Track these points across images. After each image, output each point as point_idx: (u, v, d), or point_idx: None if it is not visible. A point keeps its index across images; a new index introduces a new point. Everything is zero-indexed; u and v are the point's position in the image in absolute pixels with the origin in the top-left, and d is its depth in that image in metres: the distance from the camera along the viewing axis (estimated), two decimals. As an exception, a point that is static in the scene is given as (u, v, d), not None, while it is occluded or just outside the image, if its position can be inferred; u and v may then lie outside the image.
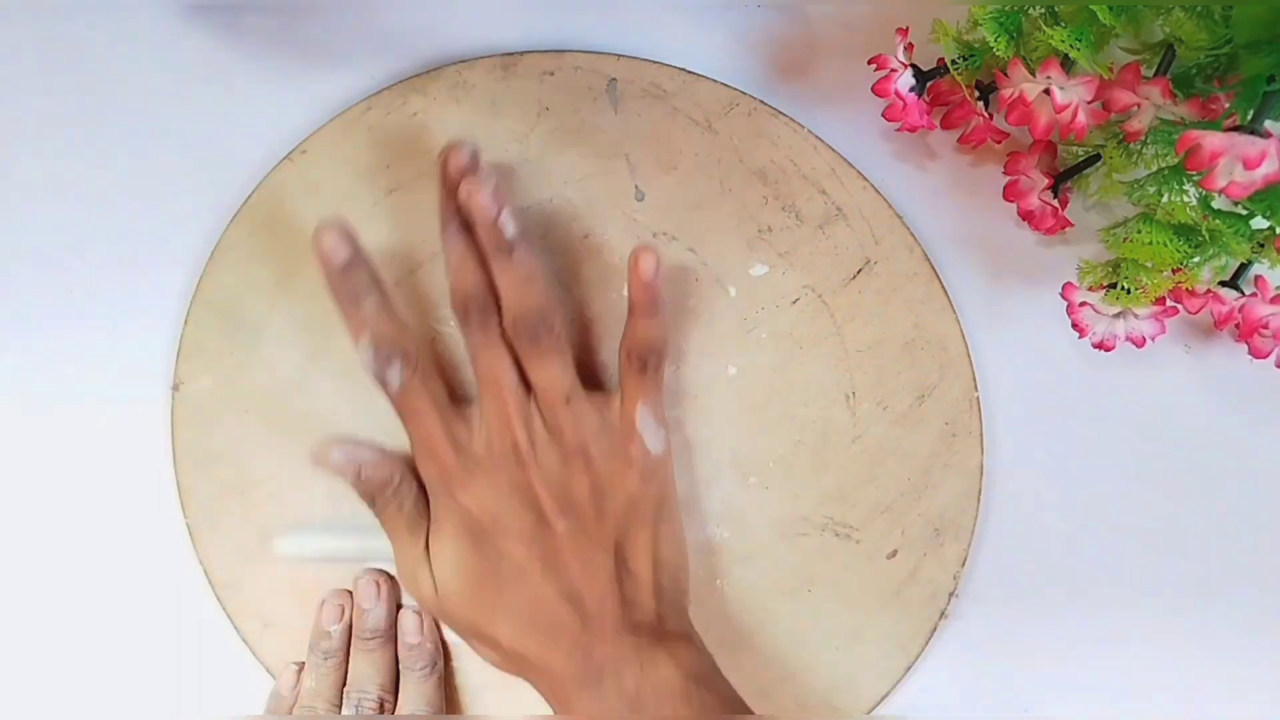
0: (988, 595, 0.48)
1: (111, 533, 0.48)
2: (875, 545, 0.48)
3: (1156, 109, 0.41)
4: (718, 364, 0.48)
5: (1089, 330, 0.47)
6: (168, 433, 0.47)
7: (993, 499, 0.48)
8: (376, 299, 0.42)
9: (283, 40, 0.50)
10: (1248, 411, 0.50)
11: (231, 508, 0.47)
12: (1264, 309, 0.45)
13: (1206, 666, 0.48)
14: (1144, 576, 0.49)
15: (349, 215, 0.49)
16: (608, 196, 0.49)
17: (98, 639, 0.47)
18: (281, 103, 0.49)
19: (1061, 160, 0.48)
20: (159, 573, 0.47)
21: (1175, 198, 0.43)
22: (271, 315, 0.48)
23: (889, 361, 0.48)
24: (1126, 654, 0.48)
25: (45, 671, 0.47)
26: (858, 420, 0.48)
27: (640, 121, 0.49)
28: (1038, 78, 0.42)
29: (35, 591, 0.47)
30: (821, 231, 0.49)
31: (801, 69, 0.51)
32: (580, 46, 0.50)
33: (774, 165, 0.49)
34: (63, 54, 0.50)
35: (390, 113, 0.49)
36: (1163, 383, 0.50)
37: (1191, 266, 0.45)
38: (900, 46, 0.46)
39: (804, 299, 0.49)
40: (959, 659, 0.48)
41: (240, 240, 0.48)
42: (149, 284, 0.48)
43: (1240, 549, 0.49)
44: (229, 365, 0.47)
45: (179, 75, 0.50)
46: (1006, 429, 0.49)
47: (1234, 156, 0.37)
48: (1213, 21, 0.40)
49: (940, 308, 0.49)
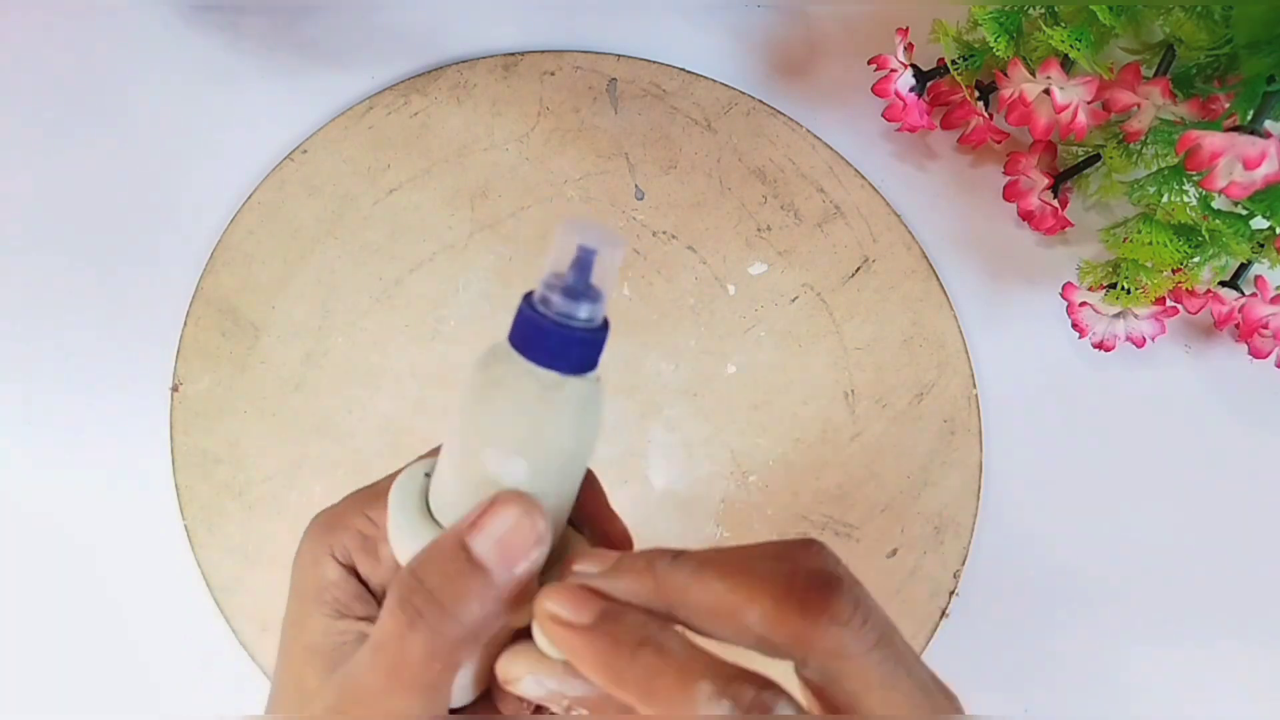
0: (988, 594, 0.48)
1: (110, 534, 0.48)
2: (875, 544, 0.48)
3: (1156, 109, 0.41)
4: (717, 362, 0.48)
5: (1089, 330, 0.47)
6: (166, 433, 0.47)
7: (992, 496, 0.48)
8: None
9: (283, 40, 0.50)
10: (1248, 411, 0.50)
11: (230, 509, 0.47)
12: (1264, 309, 0.45)
13: (1206, 666, 0.48)
14: (1144, 575, 0.49)
15: (349, 215, 0.49)
16: (608, 195, 0.49)
17: (96, 640, 0.47)
18: (281, 103, 0.49)
19: (1061, 160, 0.48)
20: (157, 575, 0.47)
21: (1175, 198, 0.43)
22: (271, 315, 0.48)
23: (888, 359, 0.48)
24: (1126, 653, 0.48)
25: (44, 672, 0.47)
26: (857, 418, 0.48)
27: (640, 121, 0.49)
28: (1038, 78, 0.42)
29: (33, 592, 0.47)
30: (820, 230, 0.49)
31: (801, 69, 0.51)
32: (580, 46, 0.50)
33: (773, 164, 0.49)
34: (63, 54, 0.49)
35: (391, 113, 0.49)
36: (1163, 383, 0.50)
37: (1191, 266, 0.45)
38: (900, 46, 0.46)
39: (803, 297, 0.49)
40: (960, 658, 0.48)
41: (240, 240, 0.48)
42: (149, 284, 0.48)
43: (1240, 548, 0.49)
44: (229, 365, 0.47)
45: (180, 75, 0.50)
46: (1006, 427, 0.49)
47: (1234, 156, 0.37)
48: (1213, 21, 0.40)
49: (938, 305, 0.49)
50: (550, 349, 0.25)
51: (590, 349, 0.25)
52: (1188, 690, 0.48)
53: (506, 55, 0.49)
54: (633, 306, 0.48)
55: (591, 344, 0.25)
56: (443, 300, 0.48)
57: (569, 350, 0.25)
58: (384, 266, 0.48)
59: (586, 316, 0.25)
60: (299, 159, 0.48)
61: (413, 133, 0.49)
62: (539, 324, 0.25)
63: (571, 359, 0.25)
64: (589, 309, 0.25)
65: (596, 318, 0.25)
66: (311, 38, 0.50)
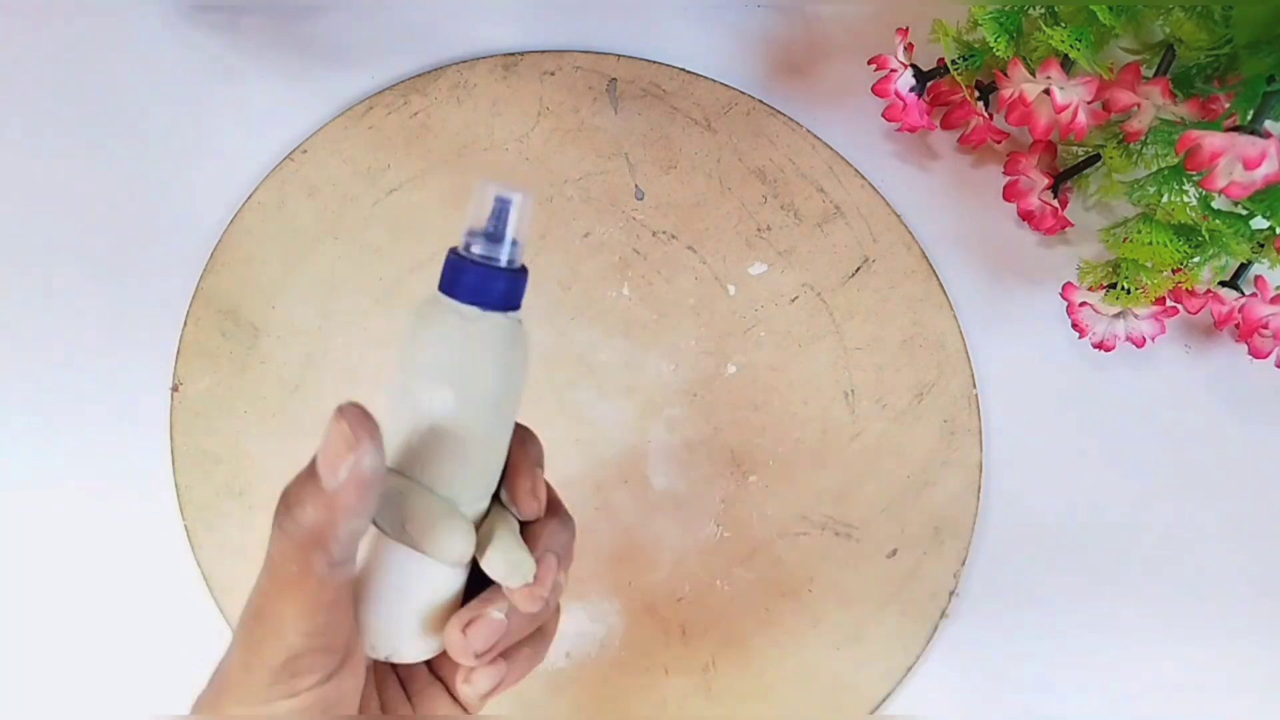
0: (988, 594, 0.48)
1: (110, 534, 0.48)
2: (875, 544, 0.48)
3: (1156, 109, 0.41)
4: (717, 362, 0.48)
5: (1089, 330, 0.47)
6: (166, 433, 0.47)
7: (992, 496, 0.48)
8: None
9: (283, 40, 0.50)
10: (1248, 411, 0.50)
11: (230, 509, 0.47)
12: (1264, 309, 0.45)
13: (1206, 666, 0.48)
14: (1144, 575, 0.49)
15: (349, 215, 0.49)
16: (608, 195, 0.49)
17: (96, 640, 0.47)
18: (281, 103, 0.49)
19: (1061, 160, 0.48)
20: (157, 575, 0.47)
21: (1175, 198, 0.43)
22: (271, 315, 0.48)
23: (887, 359, 0.48)
24: (1126, 653, 0.48)
25: (43, 672, 0.47)
26: (857, 418, 0.48)
27: (640, 121, 0.49)
28: (1038, 78, 0.42)
29: (33, 592, 0.47)
30: (820, 230, 0.49)
31: (801, 69, 0.51)
32: (580, 46, 0.50)
33: (773, 164, 0.49)
34: (64, 54, 0.49)
35: (391, 113, 0.49)
36: (1163, 383, 0.50)
37: (1191, 266, 0.45)
38: (900, 46, 0.46)
39: (803, 297, 0.49)
40: (960, 658, 0.48)
41: (240, 240, 0.48)
42: (149, 284, 0.48)
43: (1239, 548, 0.49)
44: (229, 365, 0.47)
45: (180, 75, 0.50)
46: (1006, 427, 0.49)
47: (1234, 156, 0.37)
48: (1213, 21, 0.40)
49: (938, 305, 0.49)
50: (470, 286, 0.28)
51: (509, 286, 0.28)
52: (1188, 690, 0.48)
53: (506, 55, 0.49)
54: (633, 306, 0.48)
55: (510, 282, 0.28)
56: (443, 300, 0.48)
57: (489, 286, 0.28)
58: (384, 266, 0.48)
59: (506, 259, 0.28)
60: (299, 159, 0.48)
61: (413, 133, 0.49)
62: (460, 265, 0.28)
63: (492, 295, 0.28)
64: (508, 251, 0.28)
65: (516, 259, 0.28)
66: (311, 38, 0.50)
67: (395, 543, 0.28)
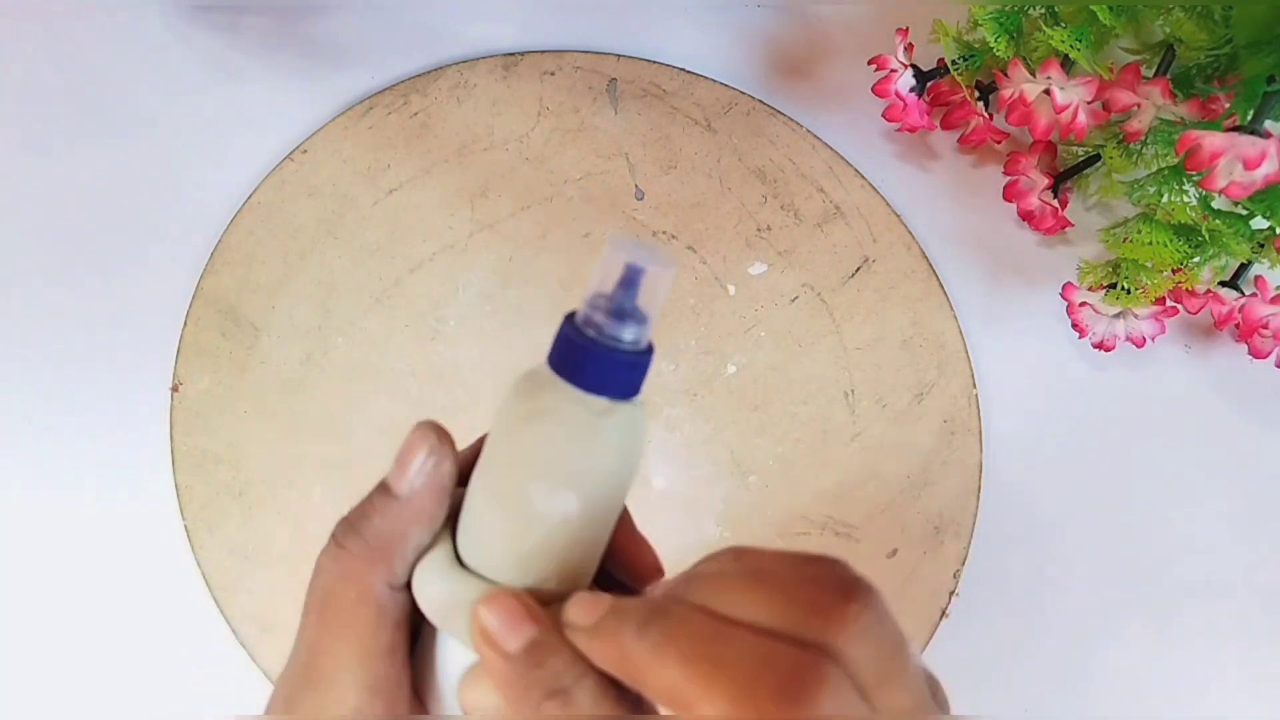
0: (988, 594, 0.48)
1: (110, 534, 0.48)
2: (875, 544, 0.48)
3: (1156, 109, 0.41)
4: (717, 362, 0.48)
5: (1089, 330, 0.47)
6: (167, 434, 0.47)
7: (992, 496, 0.48)
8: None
9: (283, 40, 0.50)
10: (1248, 411, 0.50)
11: (230, 509, 0.47)
12: (1264, 309, 0.45)
13: (1207, 665, 0.48)
14: (1144, 575, 0.49)
15: (349, 215, 0.49)
16: (608, 195, 0.49)
17: (95, 641, 0.47)
18: (281, 103, 0.49)
19: (1061, 160, 0.48)
20: (157, 575, 0.47)
21: (1175, 198, 0.43)
22: (271, 315, 0.48)
23: (888, 359, 0.48)
24: (1126, 653, 0.48)
25: (43, 673, 0.47)
26: (857, 418, 0.48)
27: (640, 121, 0.49)
28: (1038, 78, 0.42)
29: (33, 592, 0.47)
30: (820, 230, 0.49)
31: (801, 69, 0.51)
32: (580, 46, 0.50)
33: (773, 164, 0.49)
34: (64, 54, 0.49)
35: (391, 113, 0.49)
36: (1163, 383, 0.50)
37: (1191, 266, 0.45)
38: (900, 47, 0.46)
39: (803, 297, 0.49)
40: (960, 658, 0.48)
41: (240, 240, 0.48)
42: (149, 284, 0.48)
43: (1240, 548, 0.49)
44: (229, 365, 0.47)
45: (180, 75, 0.50)
46: (1006, 427, 0.49)
47: (1234, 156, 0.37)
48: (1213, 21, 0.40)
49: (938, 305, 0.49)
50: (599, 374, 0.23)
51: (638, 373, 0.24)
52: (1188, 690, 0.48)
53: (506, 55, 0.49)
54: (633, 306, 0.48)
55: (639, 368, 0.24)
56: (443, 300, 0.48)
57: (618, 374, 0.23)
58: (384, 267, 0.48)
59: (633, 339, 0.23)
60: (299, 159, 0.48)
61: (413, 133, 0.49)
62: (586, 346, 0.23)
63: (620, 383, 0.23)
64: (635, 331, 0.23)
65: (643, 340, 0.24)
66: (311, 38, 0.50)
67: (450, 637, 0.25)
